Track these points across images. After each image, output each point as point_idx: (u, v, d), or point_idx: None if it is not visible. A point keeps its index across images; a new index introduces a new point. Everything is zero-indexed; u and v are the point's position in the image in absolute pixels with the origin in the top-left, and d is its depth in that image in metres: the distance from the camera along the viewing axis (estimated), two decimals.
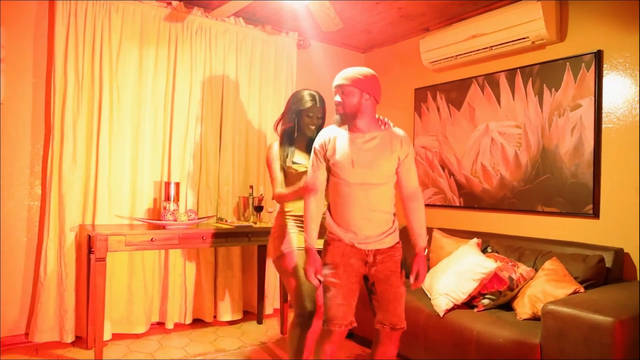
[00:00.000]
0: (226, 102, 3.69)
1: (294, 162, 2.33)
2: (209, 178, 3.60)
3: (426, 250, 2.08)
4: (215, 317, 3.66)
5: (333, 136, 2.05)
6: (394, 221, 2.07)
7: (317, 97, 2.36)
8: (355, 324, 2.00)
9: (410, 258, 2.10)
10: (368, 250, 2.00)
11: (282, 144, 2.38)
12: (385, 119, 2.08)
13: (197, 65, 3.56)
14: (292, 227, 2.33)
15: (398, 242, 2.08)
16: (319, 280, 2.01)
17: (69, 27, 3.06)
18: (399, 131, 2.08)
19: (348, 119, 2.01)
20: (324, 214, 2.11)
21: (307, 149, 2.35)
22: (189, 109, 3.53)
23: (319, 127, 2.36)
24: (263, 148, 3.86)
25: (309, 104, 2.33)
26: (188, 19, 3.50)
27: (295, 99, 2.38)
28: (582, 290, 2.40)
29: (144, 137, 3.36)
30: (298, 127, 2.36)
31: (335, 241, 2.02)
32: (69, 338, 3.03)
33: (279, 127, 2.47)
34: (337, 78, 2.03)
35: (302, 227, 2.29)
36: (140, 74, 3.35)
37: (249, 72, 3.82)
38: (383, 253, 2.02)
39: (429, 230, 3.41)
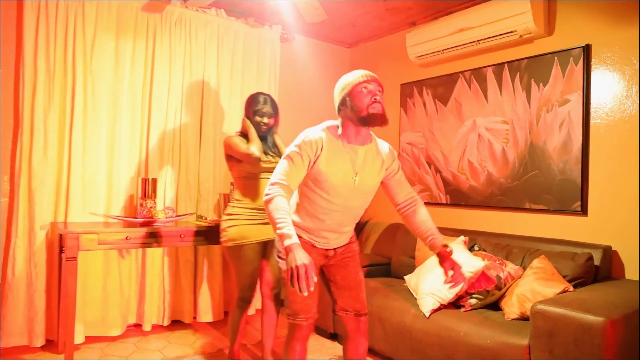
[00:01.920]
0: (207, 97, 3.57)
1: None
2: (188, 174, 3.48)
3: (448, 247, 1.93)
4: (194, 318, 3.54)
5: (326, 139, 1.83)
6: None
7: (268, 100, 2.61)
8: (317, 316, 1.98)
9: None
10: (326, 249, 2.01)
11: (242, 136, 2.60)
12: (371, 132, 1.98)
13: (176, 57, 3.43)
14: (245, 217, 2.51)
15: (354, 235, 2.11)
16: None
17: (39, 15, 2.91)
18: (383, 144, 2.00)
19: (377, 122, 1.84)
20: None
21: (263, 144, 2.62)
22: (167, 103, 3.40)
23: (271, 127, 2.63)
24: None
25: (259, 105, 2.58)
26: (167, 10, 3.37)
27: (248, 100, 2.65)
28: (571, 289, 2.35)
29: (121, 132, 3.22)
30: (254, 125, 2.58)
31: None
32: (39, 342, 2.89)
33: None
34: (372, 74, 1.90)
35: (255, 218, 2.49)
36: (117, 65, 3.21)
37: (230, 65, 3.70)
38: (342, 247, 2.05)
39: None
